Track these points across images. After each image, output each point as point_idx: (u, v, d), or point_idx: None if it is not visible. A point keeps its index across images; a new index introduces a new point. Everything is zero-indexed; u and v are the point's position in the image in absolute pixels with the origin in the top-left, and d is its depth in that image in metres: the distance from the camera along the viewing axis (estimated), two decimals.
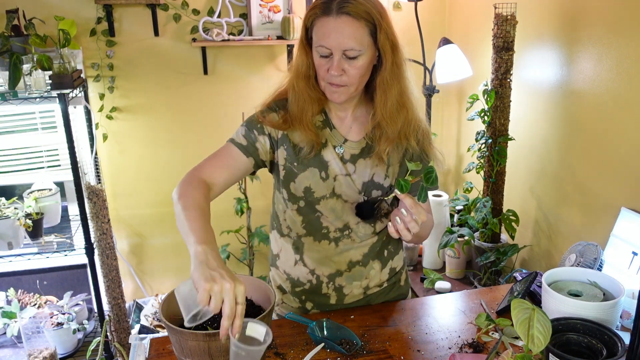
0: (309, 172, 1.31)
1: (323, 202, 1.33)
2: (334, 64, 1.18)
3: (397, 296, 1.51)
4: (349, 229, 1.36)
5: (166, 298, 1.18)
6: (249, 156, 1.31)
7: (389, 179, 1.34)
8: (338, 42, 1.16)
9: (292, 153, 1.32)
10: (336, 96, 1.24)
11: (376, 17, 1.17)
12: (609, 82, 1.71)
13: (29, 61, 2.11)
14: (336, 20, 1.16)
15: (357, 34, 1.16)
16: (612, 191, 1.73)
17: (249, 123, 1.33)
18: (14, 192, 2.62)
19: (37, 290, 2.56)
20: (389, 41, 1.20)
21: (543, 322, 0.98)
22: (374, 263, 1.41)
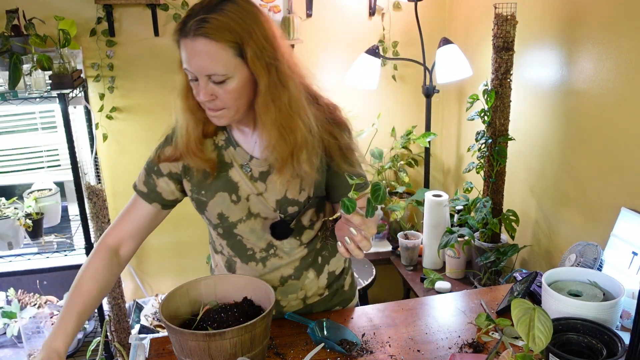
0: (219, 197, 1.24)
1: (240, 225, 1.27)
2: (200, 89, 1.08)
3: (341, 302, 1.45)
4: (274, 247, 1.29)
5: (166, 298, 1.18)
6: (152, 202, 1.28)
7: (305, 191, 1.24)
8: (198, 67, 1.06)
9: (195, 182, 1.26)
10: (216, 120, 1.14)
11: (241, 37, 1.04)
12: (609, 82, 1.71)
13: (29, 61, 2.11)
14: (193, 43, 1.04)
15: (218, 57, 1.04)
16: (612, 191, 1.73)
17: (148, 167, 1.29)
18: (14, 192, 2.62)
19: (37, 290, 2.56)
20: (262, 61, 1.06)
21: (544, 321, 0.98)
22: (308, 273, 1.34)
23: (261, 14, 1.09)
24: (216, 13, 1.03)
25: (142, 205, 1.29)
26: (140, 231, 1.30)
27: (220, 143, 1.25)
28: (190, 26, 1.04)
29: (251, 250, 1.31)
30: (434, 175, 2.94)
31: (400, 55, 2.73)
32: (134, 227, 1.29)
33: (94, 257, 1.25)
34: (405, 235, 2.49)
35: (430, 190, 2.41)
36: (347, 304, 1.47)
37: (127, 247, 1.29)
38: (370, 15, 2.69)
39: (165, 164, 1.27)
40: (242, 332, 1.05)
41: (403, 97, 2.83)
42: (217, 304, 1.22)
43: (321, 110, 1.22)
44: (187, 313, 1.22)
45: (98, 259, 1.24)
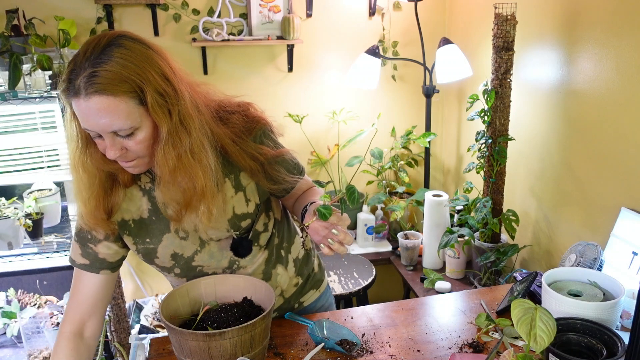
0: (166, 240, 1.18)
1: (197, 256, 1.22)
2: (107, 147, 0.98)
3: (314, 284, 1.43)
4: (236, 262, 1.25)
5: (166, 298, 1.18)
6: (99, 271, 1.20)
7: (252, 200, 1.20)
8: (100, 126, 0.95)
9: (136, 233, 1.18)
10: (132, 169, 1.06)
11: (138, 83, 0.94)
12: (609, 82, 1.71)
13: (29, 61, 2.11)
14: (88, 103, 0.92)
15: (118, 112, 0.94)
16: (612, 191, 1.73)
17: (79, 238, 1.19)
18: (14, 192, 2.62)
19: (37, 290, 2.56)
20: (163, 107, 0.97)
21: (546, 320, 0.98)
22: (276, 270, 1.32)
23: (154, 52, 0.98)
24: (105, 64, 0.92)
25: (91, 278, 1.20)
26: (97, 304, 1.22)
27: (147, 186, 1.16)
28: (79, 84, 0.92)
29: (214, 274, 1.27)
30: (434, 175, 2.94)
31: (400, 55, 2.73)
32: (90, 304, 1.21)
33: (57, 352, 1.17)
34: (405, 235, 2.49)
35: (430, 190, 2.42)
36: (320, 284, 1.46)
37: (91, 326, 1.22)
38: (370, 15, 2.69)
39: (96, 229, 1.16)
40: (242, 332, 1.05)
41: (403, 97, 2.83)
42: (217, 304, 1.22)
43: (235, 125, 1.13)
44: (187, 313, 1.22)
45: (62, 352, 1.17)
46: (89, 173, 1.06)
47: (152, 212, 1.17)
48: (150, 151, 1.03)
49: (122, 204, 1.16)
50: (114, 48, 0.94)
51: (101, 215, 1.11)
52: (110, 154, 0.99)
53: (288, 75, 2.68)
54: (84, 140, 1.03)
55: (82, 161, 1.04)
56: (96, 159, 1.04)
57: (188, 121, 1.01)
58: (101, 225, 1.13)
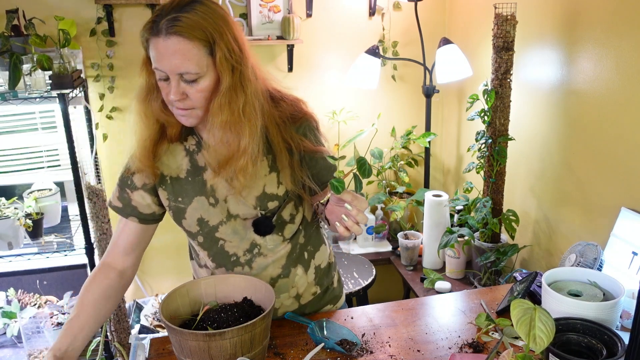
0: (196, 202, 1.24)
1: (221, 228, 1.26)
2: (172, 88, 1.07)
3: (331, 299, 1.45)
4: (258, 246, 1.28)
5: (166, 298, 1.18)
6: (128, 217, 1.28)
7: (283, 185, 1.24)
8: (171, 66, 1.05)
9: (171, 190, 1.25)
10: (185, 120, 1.13)
11: (213, 36, 1.05)
12: (609, 82, 1.71)
13: (29, 61, 2.11)
14: (166, 42, 1.04)
15: (190, 55, 1.04)
16: (612, 191, 1.73)
17: (121, 182, 1.28)
18: (14, 192, 2.62)
19: (37, 290, 2.56)
20: (228, 62, 1.07)
21: (545, 321, 0.98)
22: (296, 270, 1.33)
23: (229, 17, 1.10)
24: (188, 12, 1.04)
25: (124, 223, 1.30)
26: (132, 246, 1.31)
27: (192, 148, 1.24)
28: (162, 25, 1.04)
29: (234, 255, 1.29)
30: (434, 175, 2.94)
31: (400, 55, 2.73)
32: (125, 245, 1.30)
33: (90, 278, 1.28)
34: (405, 235, 2.49)
35: (430, 190, 2.42)
36: (337, 301, 1.47)
37: (124, 263, 1.31)
38: (370, 15, 2.69)
39: (139, 177, 1.25)
40: (242, 332, 1.05)
41: (403, 97, 2.83)
42: (217, 304, 1.22)
43: (283, 110, 1.21)
44: (187, 313, 1.22)
45: (93, 277, 1.27)
46: (148, 119, 1.16)
47: (189, 173, 1.23)
48: (206, 104, 1.11)
49: (162, 157, 1.23)
50: (197, 4, 1.06)
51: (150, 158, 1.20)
52: (172, 96, 1.07)
53: (288, 75, 2.68)
54: (150, 90, 1.15)
55: (144, 108, 1.15)
56: (155, 108, 1.15)
57: (246, 82, 1.11)
58: (148, 166, 1.20)
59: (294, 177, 1.24)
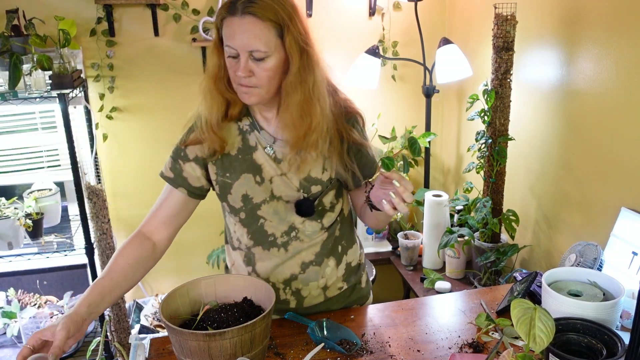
0: (243, 178, 1.30)
1: (264, 206, 1.31)
2: (240, 65, 1.15)
3: (358, 299, 1.48)
4: (296, 230, 1.33)
5: (166, 298, 1.18)
6: (178, 187, 1.32)
7: (328, 172, 1.31)
8: (243, 43, 1.13)
9: (220, 165, 1.31)
10: (247, 97, 1.20)
11: (284, 19, 1.14)
12: (609, 82, 1.71)
13: (29, 61, 2.11)
14: (241, 21, 1.13)
15: (262, 35, 1.13)
16: (612, 191, 1.73)
17: (174, 153, 1.35)
18: (14, 192, 2.62)
19: (37, 290, 2.56)
20: (297, 44, 1.16)
21: (545, 320, 0.98)
22: (328, 261, 1.38)
23: (297, 5, 1.19)
24: None
25: (171, 192, 1.33)
26: (171, 219, 1.34)
27: (245, 128, 1.31)
28: (238, 5, 1.13)
29: (272, 235, 1.34)
30: (434, 175, 2.94)
31: (400, 55, 2.73)
32: (165, 215, 1.33)
33: (125, 242, 1.30)
34: (405, 235, 2.49)
35: (430, 190, 2.41)
36: (364, 301, 1.51)
37: (160, 234, 1.33)
38: (370, 15, 2.69)
39: (192, 149, 1.31)
40: (242, 332, 1.05)
41: (403, 97, 2.83)
42: (217, 304, 1.22)
43: (338, 100, 1.30)
44: (187, 313, 1.22)
45: (129, 242, 1.30)
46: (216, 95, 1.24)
47: (240, 151, 1.30)
48: (269, 85, 1.18)
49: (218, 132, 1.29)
50: None
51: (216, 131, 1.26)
52: (239, 72, 1.15)
53: None
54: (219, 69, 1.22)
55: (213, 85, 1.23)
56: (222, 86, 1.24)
57: (313, 65, 1.20)
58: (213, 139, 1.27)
59: (339, 165, 1.31)
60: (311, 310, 1.41)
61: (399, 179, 1.10)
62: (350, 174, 1.32)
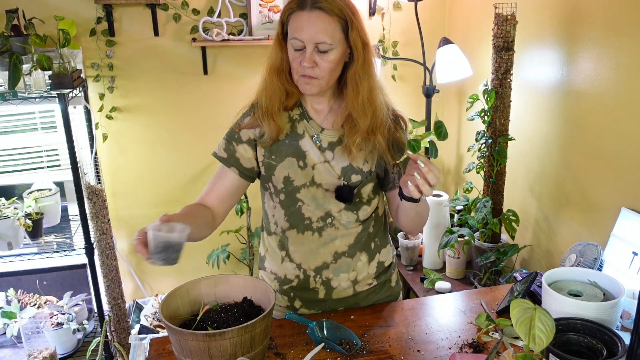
0: (287, 162, 1.36)
1: (304, 190, 1.36)
2: (306, 56, 1.23)
3: (387, 296, 1.51)
4: (332, 217, 1.37)
5: (166, 298, 1.18)
6: (230, 166, 1.39)
7: (368, 164, 1.36)
8: (311, 36, 1.21)
9: (268, 148, 1.37)
10: (307, 87, 1.28)
11: (348, 15, 1.23)
12: (609, 82, 1.71)
13: (29, 61, 2.11)
14: (310, 14, 1.21)
15: (329, 28, 1.22)
16: (612, 191, 1.73)
17: (228, 135, 1.41)
18: (14, 192, 2.62)
19: (37, 290, 2.56)
20: (360, 39, 1.25)
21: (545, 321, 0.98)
22: (360, 255, 1.41)
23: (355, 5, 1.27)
24: None
25: (224, 172, 1.40)
26: (225, 196, 1.39)
27: (295, 117, 1.38)
28: (308, 1, 1.21)
29: (308, 219, 1.38)
30: None
31: (400, 55, 2.73)
32: (220, 192, 1.39)
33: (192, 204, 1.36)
34: (405, 235, 2.49)
35: None
36: (394, 300, 1.53)
37: (217, 208, 1.38)
38: (370, 15, 2.69)
39: (245, 132, 1.38)
40: (242, 332, 1.05)
41: (403, 97, 2.83)
42: (217, 304, 1.22)
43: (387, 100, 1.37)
44: (187, 313, 1.22)
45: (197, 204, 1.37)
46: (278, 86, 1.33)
47: (288, 137, 1.36)
48: (329, 76, 1.27)
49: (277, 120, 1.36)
50: None
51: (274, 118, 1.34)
52: (305, 63, 1.23)
53: None
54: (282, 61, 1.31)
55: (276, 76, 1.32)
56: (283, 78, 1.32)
57: (372, 59, 1.29)
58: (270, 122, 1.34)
59: (380, 160, 1.37)
60: (340, 304, 1.44)
61: (424, 161, 1.14)
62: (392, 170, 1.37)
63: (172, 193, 2.74)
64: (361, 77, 1.28)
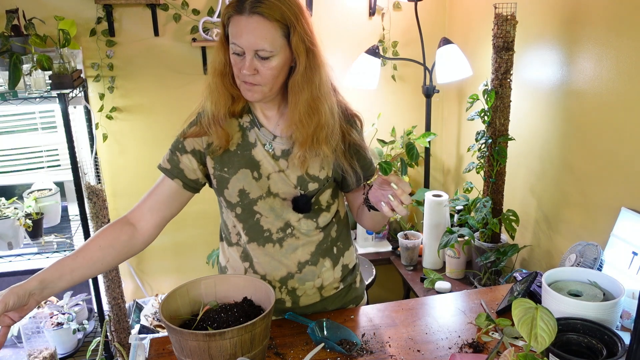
0: (241, 173, 1.31)
1: (260, 202, 1.32)
2: (246, 63, 1.17)
3: (353, 298, 1.49)
4: (291, 227, 1.34)
5: (166, 298, 1.18)
6: (174, 178, 1.32)
7: (325, 170, 1.32)
8: (249, 42, 1.16)
9: (219, 160, 1.32)
10: (250, 94, 1.22)
11: (290, 19, 1.16)
12: (609, 82, 1.71)
13: (29, 61, 2.11)
14: (248, 20, 1.15)
15: (268, 35, 1.16)
16: (612, 191, 1.73)
17: (173, 145, 1.35)
18: (14, 192, 2.62)
19: None
20: (303, 44, 1.19)
21: (547, 320, 0.98)
22: (324, 261, 1.39)
23: (303, 6, 1.21)
24: None
25: (164, 181, 1.33)
26: (159, 206, 1.33)
27: (245, 124, 1.33)
28: (246, 4, 1.15)
29: (268, 231, 1.34)
30: (434, 175, 2.94)
31: (400, 55, 2.73)
32: (154, 202, 1.33)
33: (105, 226, 1.30)
34: (405, 235, 2.49)
35: (430, 190, 2.41)
36: (359, 301, 1.51)
37: (146, 221, 1.31)
38: (370, 15, 2.69)
39: (190, 141, 1.32)
40: (242, 332, 1.05)
41: (403, 97, 2.83)
42: (217, 304, 1.22)
43: (339, 102, 1.32)
44: (187, 313, 1.22)
45: (109, 226, 1.29)
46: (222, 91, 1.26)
47: (239, 147, 1.31)
48: (273, 83, 1.21)
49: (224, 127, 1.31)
50: None
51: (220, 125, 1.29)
52: (245, 71, 1.18)
53: None
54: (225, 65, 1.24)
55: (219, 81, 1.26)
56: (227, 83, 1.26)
57: (319, 64, 1.22)
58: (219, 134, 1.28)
59: (336, 164, 1.32)
60: (308, 310, 1.41)
61: (396, 182, 1.10)
62: (351, 173, 1.32)
63: None
64: (301, 87, 1.21)
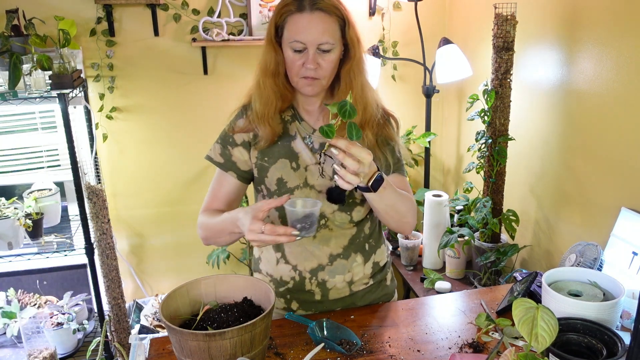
0: (280, 163, 1.36)
1: (297, 192, 1.36)
2: (309, 57, 1.24)
3: (383, 295, 1.51)
4: (325, 218, 1.37)
5: (166, 298, 1.18)
6: (227, 171, 1.40)
7: None
8: (314, 37, 1.23)
9: (260, 149, 1.38)
10: (310, 89, 1.29)
11: (344, 13, 1.25)
12: (609, 82, 1.71)
13: (29, 61, 2.11)
14: (311, 16, 1.22)
15: (330, 28, 1.24)
16: (612, 191, 1.73)
17: (222, 139, 1.42)
18: (14, 192, 2.62)
19: (37, 290, 2.56)
20: (356, 36, 1.28)
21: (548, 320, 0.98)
22: (356, 256, 1.42)
23: None
24: None
25: (222, 177, 1.41)
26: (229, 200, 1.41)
27: (287, 118, 1.39)
28: (305, 3, 1.22)
29: None
30: (434, 175, 2.94)
31: (400, 55, 2.73)
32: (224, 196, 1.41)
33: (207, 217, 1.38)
34: (405, 235, 2.49)
35: (430, 190, 2.41)
36: (389, 299, 1.53)
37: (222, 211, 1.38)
38: (370, 15, 2.69)
39: (239, 135, 1.39)
40: (242, 332, 1.05)
41: (403, 97, 2.83)
42: (217, 304, 1.22)
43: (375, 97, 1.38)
44: (187, 313, 1.22)
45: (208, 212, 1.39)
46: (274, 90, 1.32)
47: (280, 138, 1.37)
48: (329, 76, 1.29)
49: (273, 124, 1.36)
50: None
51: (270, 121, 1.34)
52: (309, 65, 1.24)
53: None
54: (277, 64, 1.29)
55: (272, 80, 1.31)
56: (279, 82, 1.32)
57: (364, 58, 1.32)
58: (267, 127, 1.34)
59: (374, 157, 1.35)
60: (337, 305, 1.43)
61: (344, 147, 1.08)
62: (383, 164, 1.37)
63: (172, 193, 2.74)
64: (355, 74, 1.30)
